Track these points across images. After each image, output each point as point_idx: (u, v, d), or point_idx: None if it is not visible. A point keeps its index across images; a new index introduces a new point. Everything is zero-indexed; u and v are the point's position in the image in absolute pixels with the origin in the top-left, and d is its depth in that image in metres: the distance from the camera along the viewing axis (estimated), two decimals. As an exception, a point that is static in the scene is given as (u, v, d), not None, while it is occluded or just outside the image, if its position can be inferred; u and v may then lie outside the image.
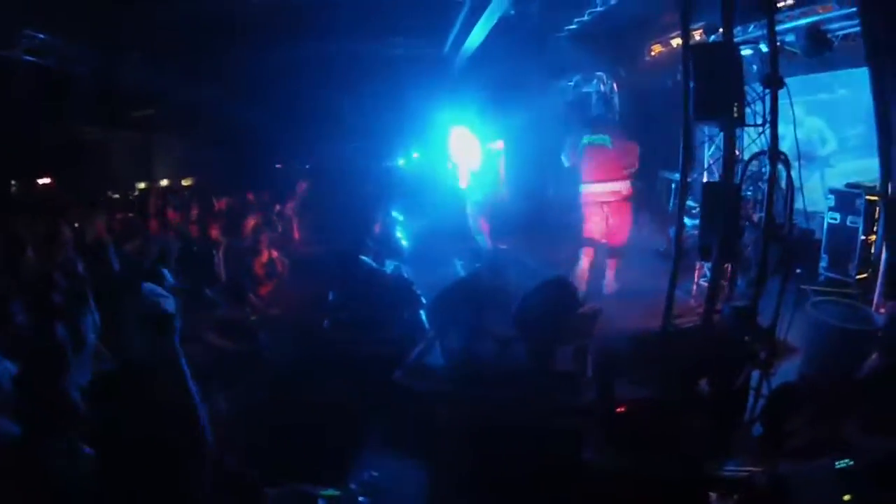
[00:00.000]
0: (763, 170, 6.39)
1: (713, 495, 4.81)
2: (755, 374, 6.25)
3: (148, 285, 5.66)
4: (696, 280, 9.54)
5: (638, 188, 14.64)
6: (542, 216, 15.42)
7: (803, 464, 4.72)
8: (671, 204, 14.05)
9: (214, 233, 9.24)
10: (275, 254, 9.85)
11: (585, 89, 13.99)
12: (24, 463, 3.58)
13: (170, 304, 5.93)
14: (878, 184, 9.32)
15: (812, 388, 6.58)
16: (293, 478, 4.28)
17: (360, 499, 4.22)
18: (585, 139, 10.83)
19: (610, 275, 10.74)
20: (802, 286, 8.81)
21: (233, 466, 4.12)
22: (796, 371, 7.03)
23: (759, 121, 5.98)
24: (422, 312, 6.74)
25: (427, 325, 6.14)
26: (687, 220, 11.68)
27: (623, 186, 10.91)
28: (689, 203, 12.39)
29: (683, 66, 6.02)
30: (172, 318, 4.05)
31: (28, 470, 3.55)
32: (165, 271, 6.33)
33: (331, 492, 4.21)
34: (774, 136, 5.88)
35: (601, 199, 10.73)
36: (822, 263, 10.31)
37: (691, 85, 5.92)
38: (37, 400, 4.10)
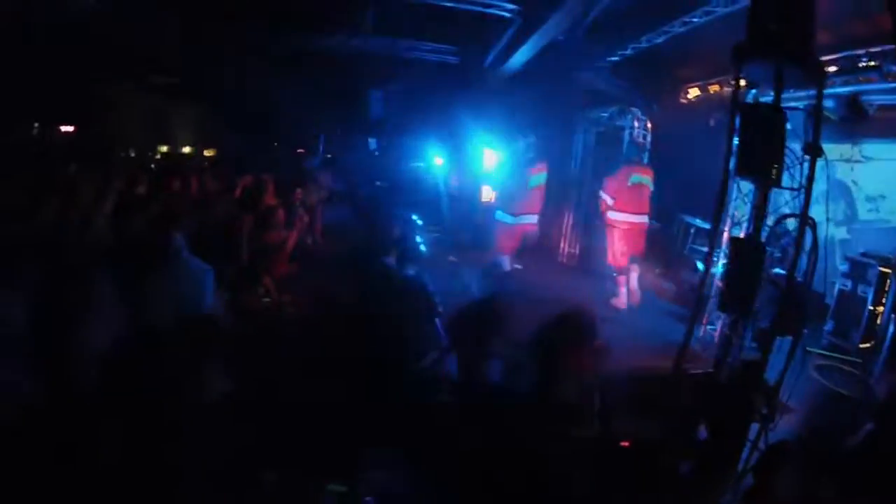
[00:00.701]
0: (781, 230, 6.52)
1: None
2: (753, 427, 6.35)
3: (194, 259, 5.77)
4: (703, 327, 9.63)
5: (655, 228, 14.80)
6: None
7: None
8: (686, 248, 14.12)
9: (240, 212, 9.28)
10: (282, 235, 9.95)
11: (619, 123, 14.04)
12: (37, 421, 3.62)
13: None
14: (893, 256, 9.42)
15: (806, 450, 6.68)
16: (296, 467, 4.33)
17: (367, 499, 4.26)
18: (635, 177, 11.97)
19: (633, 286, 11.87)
20: (807, 348, 8.91)
21: (233, 446, 4.17)
22: (793, 430, 7.14)
23: (794, 184, 6.08)
24: (437, 321, 6.81)
25: (442, 337, 6.20)
26: (701, 266, 11.86)
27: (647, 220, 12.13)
28: (702, 248, 12.58)
29: (730, 122, 6.11)
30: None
31: (42, 430, 3.58)
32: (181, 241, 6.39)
33: (338, 487, 4.24)
34: (807, 202, 5.98)
35: (634, 227, 12.08)
36: (828, 328, 10.40)
37: (735, 141, 6.03)
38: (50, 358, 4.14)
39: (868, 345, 9.60)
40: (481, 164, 14.67)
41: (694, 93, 13.93)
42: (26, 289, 4.67)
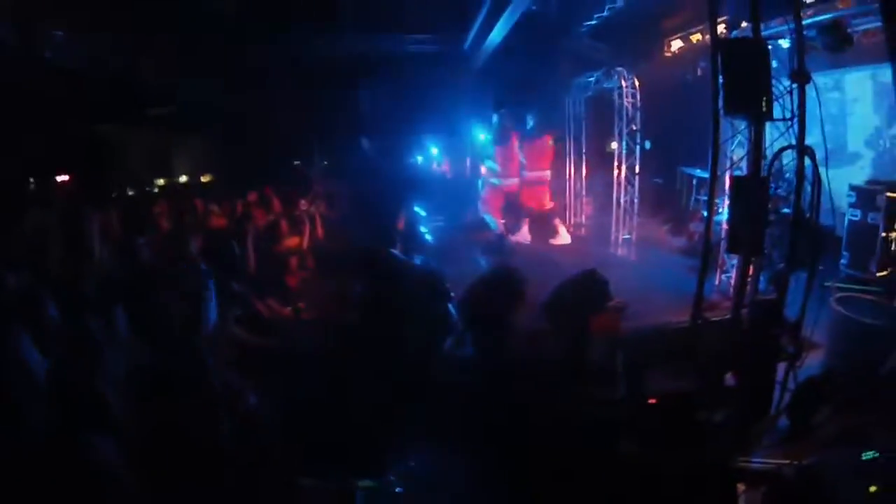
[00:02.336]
0: (785, 165, 6.44)
1: (741, 487, 4.86)
2: (781, 367, 6.29)
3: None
4: (718, 275, 9.57)
5: (660, 184, 14.77)
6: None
7: (829, 456, 4.75)
8: (692, 200, 14.06)
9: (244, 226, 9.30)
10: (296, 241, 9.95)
11: (607, 85, 13.97)
12: (57, 457, 3.61)
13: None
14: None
15: (836, 383, 6.62)
16: (328, 470, 4.33)
17: (398, 490, 4.24)
18: None
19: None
20: (825, 283, 8.83)
21: (266, 458, 4.16)
22: (820, 366, 7.08)
23: (787, 115, 6.01)
24: (450, 306, 6.77)
25: (457, 319, 6.17)
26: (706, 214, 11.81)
27: None
28: (707, 197, 12.50)
29: (712, 61, 6.05)
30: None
31: (62, 464, 3.58)
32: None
33: (368, 483, 4.24)
34: (802, 131, 5.92)
35: None
36: (843, 260, 10.31)
37: (720, 80, 5.96)
38: (70, 394, 4.14)
39: (885, 272, 9.53)
40: (474, 146, 14.68)
41: (677, 45, 13.85)
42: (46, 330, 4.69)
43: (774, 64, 6.28)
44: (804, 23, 9.64)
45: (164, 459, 3.64)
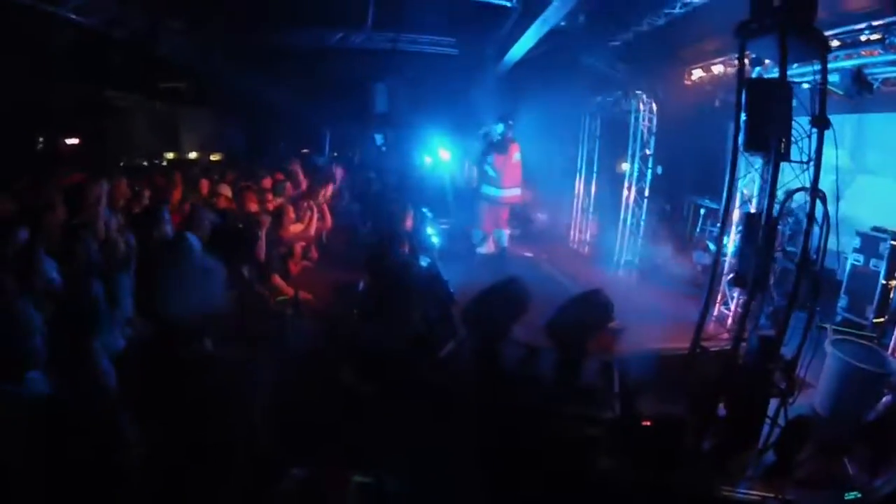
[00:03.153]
0: (794, 206, 6.53)
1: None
2: (773, 402, 6.37)
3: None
4: (717, 307, 9.64)
5: (666, 211, 14.82)
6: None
7: (812, 493, 4.82)
8: (697, 230, 14.14)
9: (256, 211, 9.33)
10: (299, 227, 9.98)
11: (625, 107, 14.05)
12: (53, 420, 3.62)
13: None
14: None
15: (824, 424, 6.71)
16: (321, 461, 4.35)
17: (389, 487, 4.28)
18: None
19: None
20: (821, 324, 8.89)
21: (258, 444, 4.19)
22: (809, 405, 7.16)
23: (803, 157, 6.10)
24: (452, 310, 6.83)
25: (459, 325, 6.23)
26: (712, 246, 11.87)
27: None
28: (715, 229, 12.54)
29: (737, 98, 6.13)
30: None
31: (58, 428, 3.58)
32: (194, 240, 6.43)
33: (362, 478, 4.26)
34: (817, 174, 6.00)
35: None
36: (841, 303, 10.36)
37: (743, 117, 6.05)
38: (66, 357, 4.15)
39: (882, 319, 9.59)
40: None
41: (697, 74, 13.89)
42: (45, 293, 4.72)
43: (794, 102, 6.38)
44: (830, 66, 9.81)
45: (158, 433, 3.70)
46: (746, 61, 10.07)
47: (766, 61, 8.47)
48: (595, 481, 4.81)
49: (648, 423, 5.37)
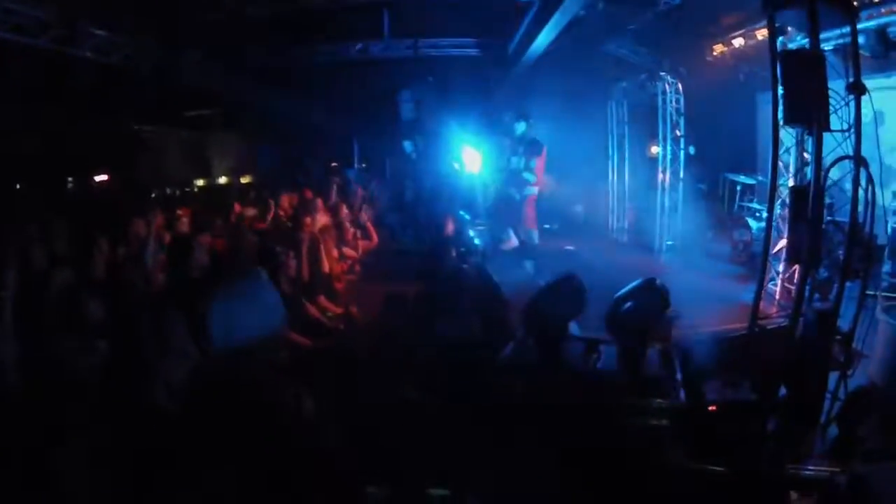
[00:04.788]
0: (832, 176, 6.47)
1: (794, 494, 4.90)
2: (833, 376, 6.32)
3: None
4: (765, 284, 9.56)
5: (703, 190, 14.72)
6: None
7: (879, 466, 4.77)
8: (735, 207, 14.05)
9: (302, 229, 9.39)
10: (352, 252, 10.04)
11: (650, 90, 13.99)
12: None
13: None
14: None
15: (883, 394, 6.63)
16: (396, 478, 4.36)
17: (470, 499, 4.27)
18: None
19: None
20: (869, 291, 8.78)
21: (331, 464, 4.21)
22: (867, 376, 7.08)
23: (842, 125, 6.04)
24: (506, 312, 6.83)
25: (517, 325, 6.22)
26: (754, 224, 11.77)
27: None
28: (753, 205, 12.44)
29: (772, 72, 6.09)
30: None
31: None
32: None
33: (440, 491, 4.25)
34: (858, 141, 5.95)
35: None
36: (886, 268, 10.24)
37: (780, 91, 6.01)
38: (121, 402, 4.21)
39: (929, 279, 9.49)
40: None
41: (720, 49, 13.79)
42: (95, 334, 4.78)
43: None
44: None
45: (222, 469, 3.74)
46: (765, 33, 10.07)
47: (789, 29, 8.37)
48: (667, 471, 4.79)
49: (714, 409, 5.35)
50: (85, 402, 4.11)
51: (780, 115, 6.15)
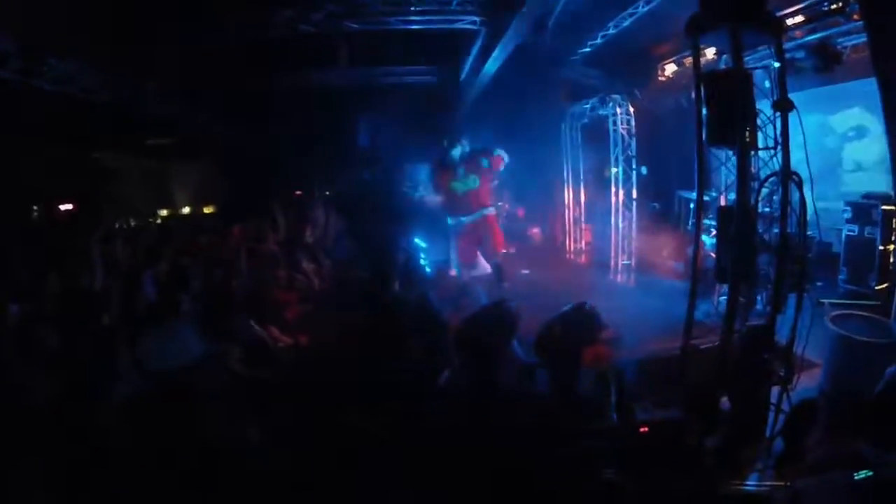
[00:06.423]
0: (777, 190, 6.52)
1: (734, 511, 4.91)
2: (775, 390, 6.35)
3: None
4: (716, 299, 9.61)
5: (657, 209, 14.85)
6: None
7: (823, 477, 4.78)
8: (689, 223, 14.17)
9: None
10: (303, 280, 9.96)
11: (602, 112, 14.10)
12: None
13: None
14: (893, 193, 9.38)
15: (832, 403, 6.67)
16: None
17: None
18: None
19: None
20: (821, 300, 8.85)
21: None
22: (817, 386, 7.12)
23: (771, 143, 6.10)
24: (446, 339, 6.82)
25: (452, 353, 6.22)
26: (707, 239, 11.86)
27: None
28: (710, 222, 12.54)
29: (696, 93, 6.16)
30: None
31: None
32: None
33: None
34: (786, 158, 5.99)
35: None
36: (842, 276, 10.39)
37: (704, 111, 6.05)
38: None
39: (884, 285, 9.59)
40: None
41: (671, 69, 13.97)
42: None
43: (766, 84, 6.39)
44: (792, 44, 9.86)
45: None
46: (713, 50, 10.21)
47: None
48: (601, 494, 4.78)
49: (645, 430, 5.35)
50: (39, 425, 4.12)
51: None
